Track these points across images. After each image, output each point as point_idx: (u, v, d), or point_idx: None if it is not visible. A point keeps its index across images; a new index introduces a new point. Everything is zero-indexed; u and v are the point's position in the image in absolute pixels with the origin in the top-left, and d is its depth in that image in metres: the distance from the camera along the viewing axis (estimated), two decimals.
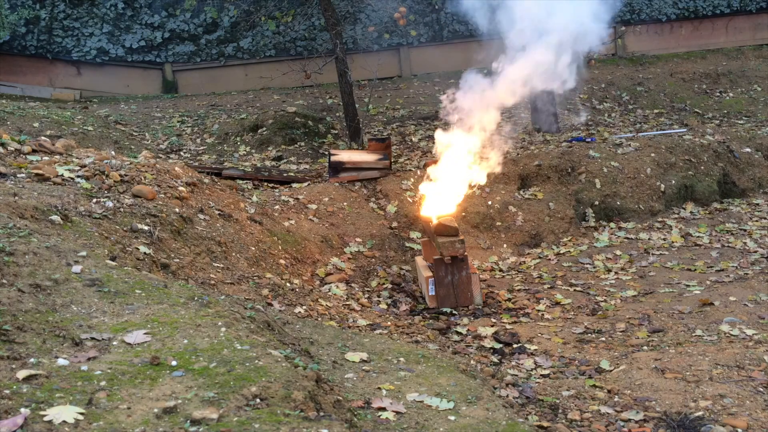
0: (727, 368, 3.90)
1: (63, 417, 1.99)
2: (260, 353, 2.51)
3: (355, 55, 11.85)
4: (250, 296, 4.44)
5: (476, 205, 7.11)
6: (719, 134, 8.59)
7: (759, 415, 3.39)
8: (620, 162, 7.74)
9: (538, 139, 9.16)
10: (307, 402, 2.27)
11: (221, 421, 2.05)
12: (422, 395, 3.00)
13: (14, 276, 2.80)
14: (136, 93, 11.98)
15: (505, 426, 2.76)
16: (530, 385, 3.92)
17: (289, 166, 8.25)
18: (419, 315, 5.47)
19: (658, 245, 6.75)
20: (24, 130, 7.96)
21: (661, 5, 13.61)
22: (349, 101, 8.59)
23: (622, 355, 4.42)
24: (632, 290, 5.70)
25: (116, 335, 2.55)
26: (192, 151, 8.89)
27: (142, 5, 11.90)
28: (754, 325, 4.69)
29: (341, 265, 6.01)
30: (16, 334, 2.41)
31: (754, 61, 12.92)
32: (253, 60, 12.29)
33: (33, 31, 11.63)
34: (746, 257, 6.20)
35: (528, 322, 5.26)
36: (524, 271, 6.43)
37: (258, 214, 5.89)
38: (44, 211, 3.76)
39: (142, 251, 4.10)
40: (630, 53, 13.48)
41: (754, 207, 7.66)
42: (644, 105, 11.28)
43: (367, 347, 3.62)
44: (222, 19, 11.89)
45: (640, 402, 3.63)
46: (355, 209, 6.82)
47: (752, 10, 13.99)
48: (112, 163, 4.97)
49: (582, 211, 7.39)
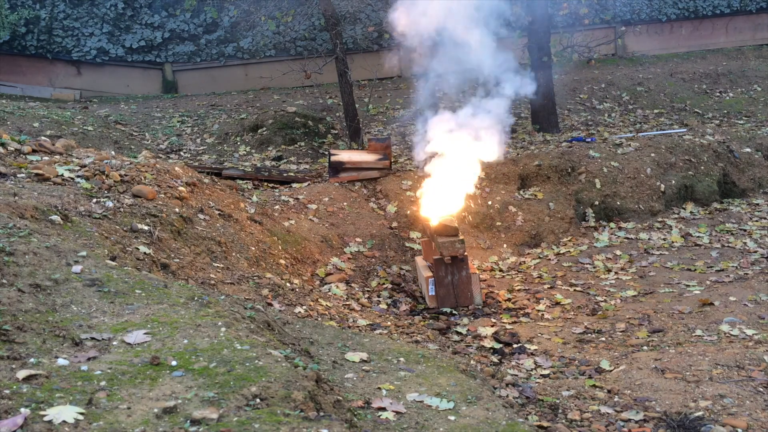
0: (727, 368, 3.90)
1: (63, 417, 1.98)
2: (260, 353, 2.51)
3: (355, 55, 11.86)
4: (250, 296, 4.44)
5: (476, 205, 7.11)
6: (719, 134, 8.59)
7: (759, 415, 3.38)
8: (620, 162, 7.74)
9: (538, 139, 9.16)
10: (307, 402, 2.27)
11: (221, 421, 2.05)
12: (422, 395, 3.00)
13: (14, 276, 2.80)
14: (136, 93, 11.98)
15: (505, 426, 2.76)
16: (530, 385, 3.92)
17: (289, 166, 8.25)
18: (419, 315, 5.47)
19: (658, 245, 6.74)
20: (24, 130, 7.96)
21: (661, 5, 13.61)
22: (349, 101, 8.59)
23: (622, 355, 4.41)
24: (632, 290, 5.69)
25: (116, 335, 2.55)
26: (192, 151, 8.89)
27: (142, 5, 11.89)
28: (754, 325, 4.69)
29: (341, 265, 6.01)
30: (16, 334, 2.41)
31: (754, 61, 12.92)
32: (253, 60, 12.29)
33: (33, 31, 11.63)
34: (746, 257, 6.19)
35: (528, 322, 5.26)
36: (524, 271, 6.43)
37: (258, 214, 5.88)
38: (44, 211, 3.76)
39: (142, 251, 4.10)
40: (630, 53, 13.49)
41: (754, 207, 7.65)
42: (644, 105, 11.28)
43: (367, 347, 3.61)
44: (222, 19, 11.89)
45: (640, 402, 3.63)
46: (355, 209, 6.82)
47: (752, 10, 14.00)
48: (112, 163, 4.97)
49: (582, 211, 7.39)
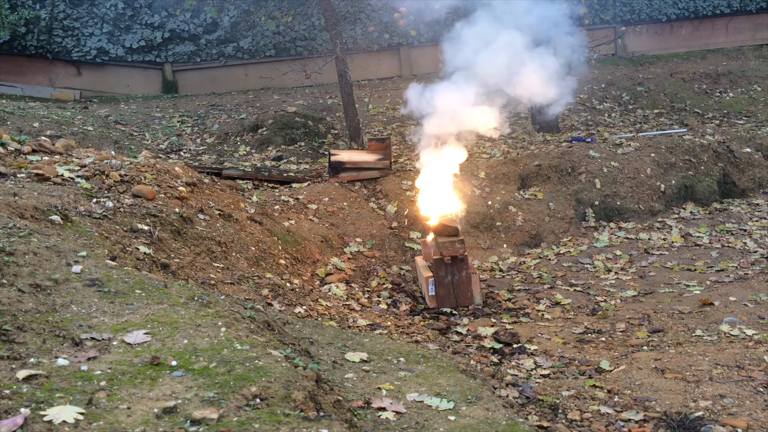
0: (727, 368, 3.90)
1: (63, 417, 1.98)
2: (260, 353, 2.51)
3: (355, 55, 11.85)
4: (250, 296, 4.44)
5: (476, 205, 7.10)
6: (719, 134, 8.59)
7: (759, 415, 3.38)
8: (620, 162, 7.74)
9: (538, 139, 9.16)
10: (307, 402, 2.27)
11: (221, 421, 2.05)
12: (422, 395, 3.00)
13: (14, 276, 2.80)
14: (136, 93, 11.98)
15: (505, 426, 2.76)
16: (530, 385, 3.92)
17: (289, 166, 8.25)
18: (419, 315, 5.47)
19: (658, 245, 6.75)
20: (24, 130, 7.96)
21: (661, 5, 13.61)
22: (349, 101, 8.59)
23: (622, 355, 4.41)
24: (632, 290, 5.69)
25: (116, 335, 2.55)
26: (192, 151, 8.89)
27: (142, 5, 11.89)
28: (754, 325, 4.69)
29: (341, 265, 6.01)
30: (16, 334, 2.41)
31: (754, 61, 12.92)
32: (253, 60, 12.29)
33: (33, 31, 11.62)
34: (746, 257, 6.20)
35: (528, 322, 5.26)
36: (524, 271, 6.43)
37: (258, 214, 5.88)
38: (44, 211, 3.76)
39: (142, 251, 4.10)
40: (630, 53, 13.49)
41: (754, 207, 7.66)
42: (644, 105, 11.28)
43: (367, 347, 3.61)
44: (222, 19, 11.90)
45: (640, 402, 3.63)
46: (355, 209, 6.81)
47: (752, 10, 14.00)
48: (112, 163, 4.97)
49: (582, 211, 7.39)
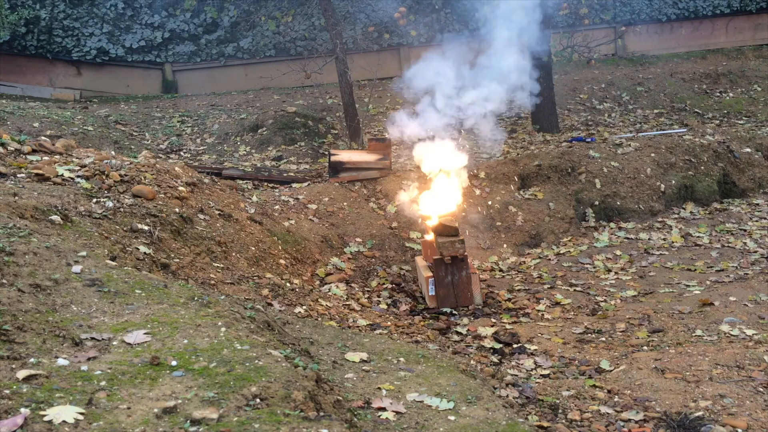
0: (727, 368, 3.90)
1: (63, 417, 1.98)
2: (260, 353, 2.51)
3: (355, 55, 11.85)
4: (250, 296, 4.44)
5: (476, 205, 7.10)
6: (719, 134, 8.59)
7: (759, 415, 3.38)
8: (620, 162, 7.74)
9: (538, 139, 9.16)
10: (307, 402, 2.27)
11: (221, 421, 2.05)
12: (422, 395, 3.00)
13: (14, 276, 2.80)
14: (136, 93, 11.98)
15: (505, 426, 2.76)
16: (530, 385, 3.91)
17: (289, 166, 8.25)
18: (419, 315, 5.47)
19: (658, 245, 6.74)
20: (24, 130, 7.96)
21: (661, 5, 13.61)
22: (349, 101, 8.59)
23: (622, 355, 4.41)
24: (632, 290, 5.69)
25: (116, 335, 2.55)
26: (192, 151, 8.89)
27: (142, 5, 11.89)
28: (754, 325, 4.69)
29: (341, 265, 6.01)
30: (16, 334, 2.41)
31: (754, 61, 12.92)
32: (253, 60, 12.29)
33: (33, 31, 11.62)
34: (746, 257, 6.20)
35: (528, 322, 5.25)
36: (524, 271, 6.43)
37: (258, 214, 5.88)
38: (44, 211, 3.76)
39: (142, 251, 4.10)
40: (630, 53, 13.49)
41: (754, 207, 7.65)
42: (644, 105, 11.28)
43: (367, 347, 3.61)
44: (222, 19, 11.90)
45: (640, 402, 3.63)
46: (355, 209, 6.81)
47: (752, 10, 14.00)
48: (112, 163, 4.97)
49: (582, 211, 7.39)
